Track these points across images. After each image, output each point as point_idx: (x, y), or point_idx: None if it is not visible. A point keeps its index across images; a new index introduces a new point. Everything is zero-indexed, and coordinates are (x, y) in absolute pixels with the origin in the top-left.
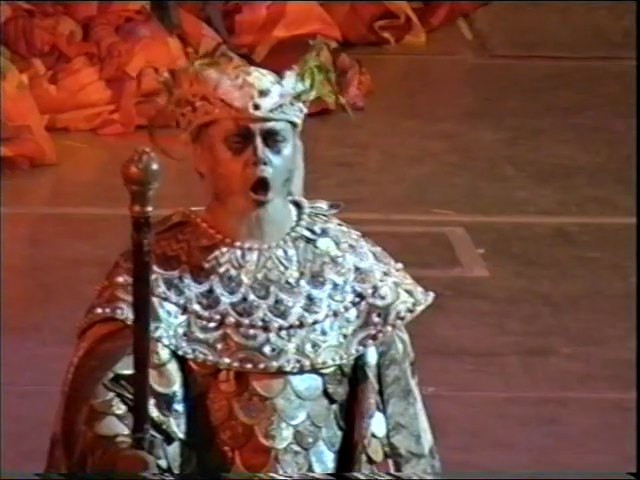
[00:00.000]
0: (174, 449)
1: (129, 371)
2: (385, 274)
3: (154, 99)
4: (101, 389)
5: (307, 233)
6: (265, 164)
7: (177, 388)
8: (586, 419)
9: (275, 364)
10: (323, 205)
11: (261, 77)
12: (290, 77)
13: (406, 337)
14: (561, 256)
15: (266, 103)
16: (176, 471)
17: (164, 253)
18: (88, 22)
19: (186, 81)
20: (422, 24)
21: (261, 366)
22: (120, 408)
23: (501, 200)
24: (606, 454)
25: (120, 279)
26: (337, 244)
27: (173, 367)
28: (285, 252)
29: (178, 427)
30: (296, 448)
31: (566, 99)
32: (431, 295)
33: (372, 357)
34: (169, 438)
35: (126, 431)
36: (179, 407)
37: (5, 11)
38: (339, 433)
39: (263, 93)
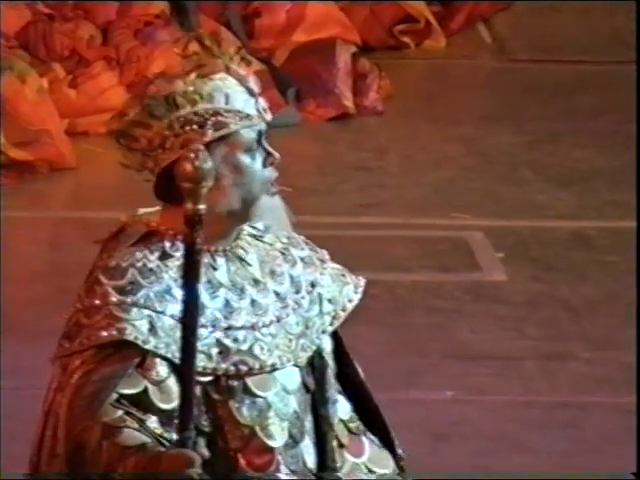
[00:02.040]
0: None
1: (131, 390)
2: (321, 261)
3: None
4: (110, 408)
5: (253, 230)
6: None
7: (177, 403)
8: (605, 423)
9: (269, 362)
10: None
11: (241, 80)
12: (253, 77)
13: None
14: (580, 260)
15: (265, 104)
16: None
17: (145, 265)
18: (107, 26)
19: (186, 103)
20: (442, 28)
21: (256, 366)
22: (134, 423)
23: (520, 204)
24: (625, 458)
25: (113, 299)
26: (278, 238)
27: (172, 382)
28: (245, 251)
29: None
30: (291, 443)
31: (585, 103)
32: (362, 280)
33: (327, 344)
34: None
35: (150, 440)
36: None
37: (25, 15)
38: (312, 422)
39: (256, 94)
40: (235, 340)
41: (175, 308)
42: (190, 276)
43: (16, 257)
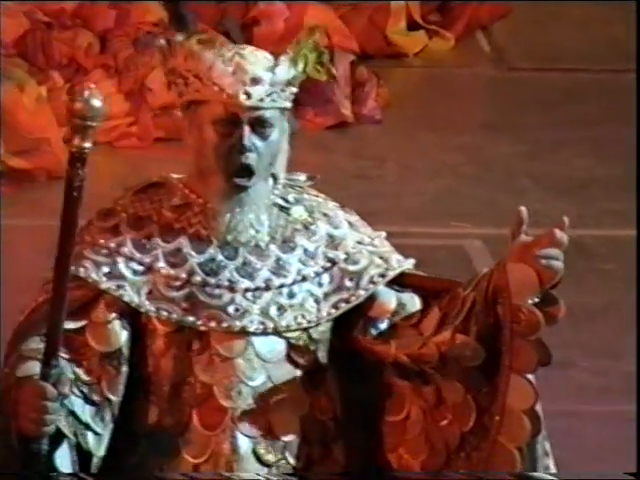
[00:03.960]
0: (96, 409)
1: (70, 326)
2: (359, 242)
3: (172, 112)
4: (35, 339)
5: (280, 201)
6: (250, 151)
7: (121, 346)
8: (604, 432)
9: (238, 324)
10: (301, 177)
11: (255, 62)
12: (284, 64)
13: None
14: (578, 269)
15: (257, 91)
16: (136, 427)
17: (135, 213)
18: (106, 34)
19: (181, 54)
20: (440, 37)
21: (224, 325)
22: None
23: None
24: (624, 467)
25: (88, 237)
26: (310, 212)
27: (115, 326)
28: (257, 217)
29: (115, 387)
30: (255, 409)
31: (584, 112)
32: (408, 262)
33: (392, 302)
34: (102, 397)
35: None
36: (123, 365)
37: (23, 24)
38: (307, 397)
39: (255, 81)
40: (210, 296)
41: (148, 256)
42: (66, 211)
43: (15, 265)
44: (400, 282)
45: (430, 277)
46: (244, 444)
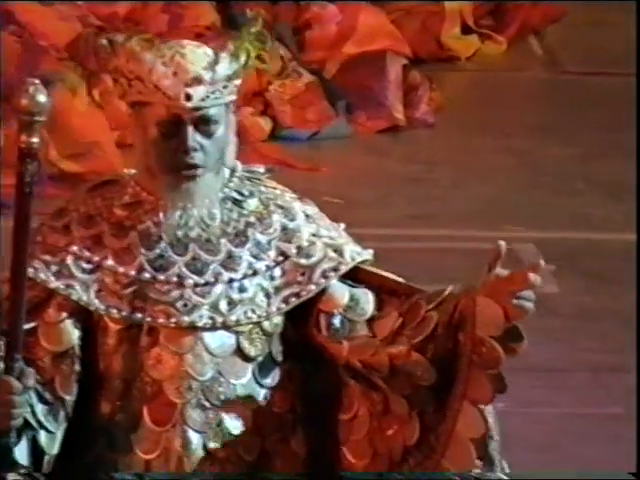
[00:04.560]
0: (56, 408)
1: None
2: (314, 235)
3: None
4: None
5: (235, 194)
6: (195, 151)
7: (73, 345)
8: None
9: (187, 319)
10: (259, 169)
11: (196, 60)
12: (225, 60)
13: None
14: (632, 272)
15: (199, 92)
16: (92, 424)
17: (86, 212)
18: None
19: (123, 55)
20: (493, 41)
21: (173, 320)
22: (2, 350)
23: (572, 216)
24: None
25: (39, 238)
26: (265, 205)
27: (67, 326)
28: (209, 212)
29: (68, 386)
30: (206, 404)
31: (637, 115)
32: (365, 253)
33: (345, 297)
34: (55, 397)
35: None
36: (76, 364)
37: (76, 28)
38: (260, 391)
39: (196, 80)
40: (159, 292)
41: (98, 254)
42: (19, 207)
43: None
44: (355, 277)
45: (386, 276)
46: (195, 439)
